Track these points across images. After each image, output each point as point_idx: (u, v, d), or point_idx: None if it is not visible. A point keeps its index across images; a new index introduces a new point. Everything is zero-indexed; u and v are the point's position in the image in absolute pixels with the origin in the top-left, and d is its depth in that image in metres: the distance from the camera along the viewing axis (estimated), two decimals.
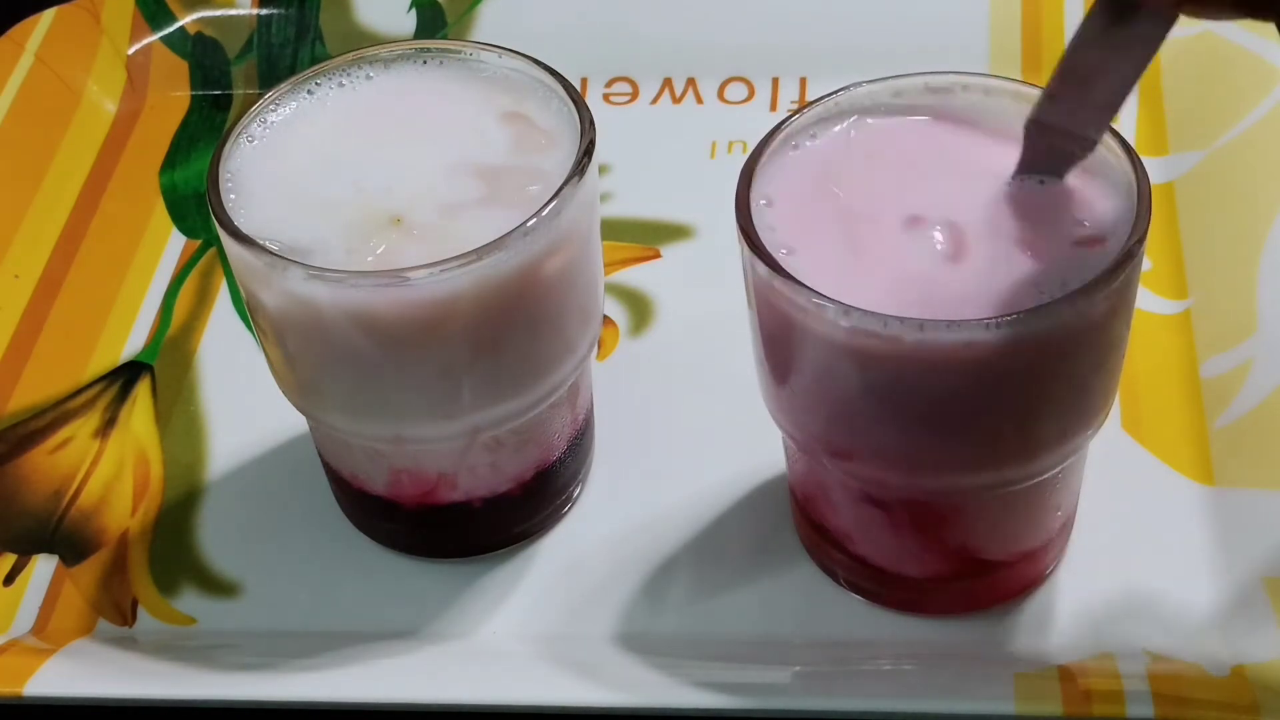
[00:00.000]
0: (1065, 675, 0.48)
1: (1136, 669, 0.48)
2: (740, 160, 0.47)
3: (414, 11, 0.75)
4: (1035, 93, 0.47)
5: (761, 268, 0.44)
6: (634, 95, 0.73)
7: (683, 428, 0.58)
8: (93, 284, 0.66)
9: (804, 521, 0.53)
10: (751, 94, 0.72)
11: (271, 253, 0.46)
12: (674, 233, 0.66)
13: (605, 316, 0.59)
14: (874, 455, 0.46)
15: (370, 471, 0.53)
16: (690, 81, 0.73)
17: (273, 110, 0.51)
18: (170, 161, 0.72)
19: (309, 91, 0.52)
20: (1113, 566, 0.52)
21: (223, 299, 0.65)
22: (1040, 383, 0.44)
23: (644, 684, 0.49)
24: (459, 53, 0.53)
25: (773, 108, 0.71)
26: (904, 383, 0.43)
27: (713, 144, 0.70)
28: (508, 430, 0.51)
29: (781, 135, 0.48)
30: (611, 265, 0.64)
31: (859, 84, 0.49)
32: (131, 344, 0.64)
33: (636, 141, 0.70)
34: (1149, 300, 0.60)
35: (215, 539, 0.56)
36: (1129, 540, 0.53)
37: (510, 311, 0.47)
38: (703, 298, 0.62)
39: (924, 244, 0.45)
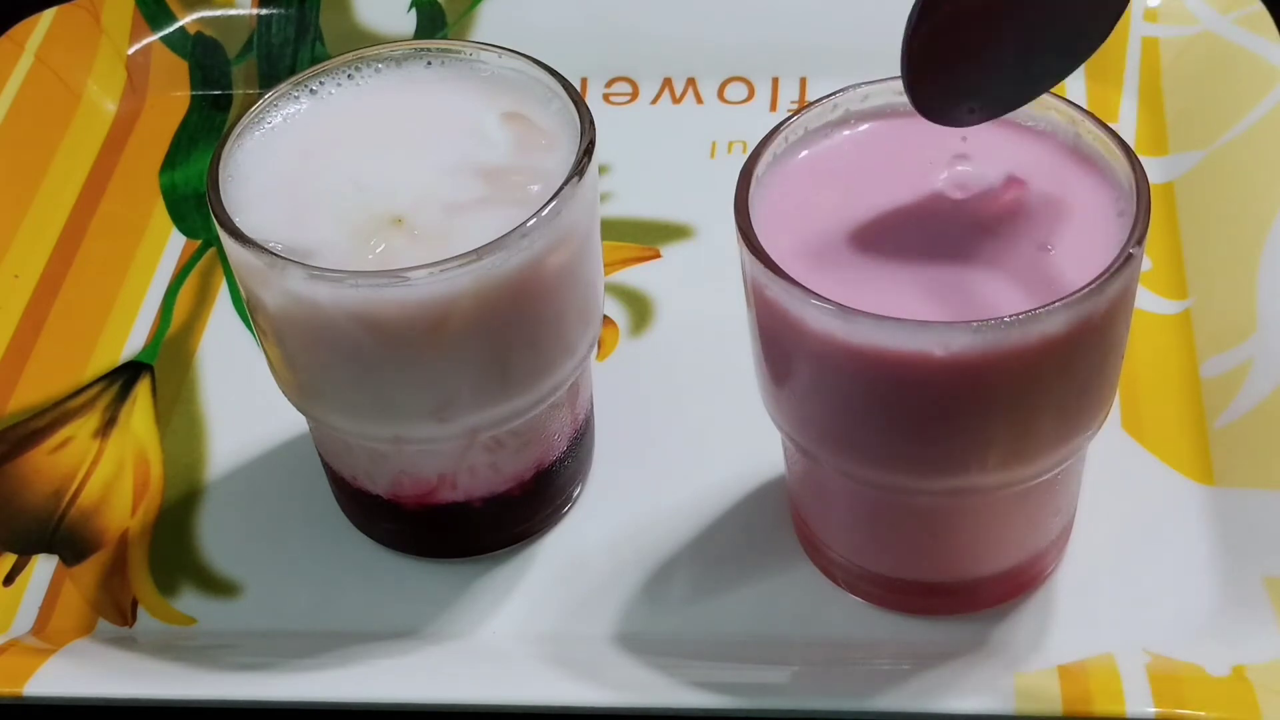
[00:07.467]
0: (1065, 675, 0.48)
1: (1136, 669, 0.48)
2: (740, 160, 0.47)
3: (414, 11, 0.75)
4: None
5: (760, 269, 0.44)
6: (634, 95, 0.73)
7: (683, 428, 0.58)
8: (93, 284, 0.66)
9: (803, 522, 0.53)
10: (751, 94, 0.72)
11: (272, 253, 0.46)
12: (674, 233, 0.66)
13: (605, 316, 0.59)
14: (872, 456, 0.46)
15: (370, 472, 0.53)
16: (690, 81, 0.73)
17: (273, 110, 0.51)
18: (170, 161, 0.72)
19: (310, 91, 0.52)
20: (1113, 566, 0.52)
21: (223, 299, 0.65)
22: (1040, 384, 0.44)
23: (644, 684, 0.49)
24: (459, 53, 0.53)
25: (773, 108, 0.71)
26: (903, 384, 0.43)
27: (713, 144, 0.70)
28: (507, 431, 0.51)
29: (781, 135, 0.48)
30: (611, 265, 0.64)
31: (859, 84, 0.49)
32: (131, 344, 0.64)
33: (636, 141, 0.70)
34: (1149, 300, 0.60)
35: (215, 539, 0.56)
36: (1129, 540, 0.53)
37: (510, 312, 0.47)
38: (703, 298, 0.62)
39: (924, 245, 0.45)
